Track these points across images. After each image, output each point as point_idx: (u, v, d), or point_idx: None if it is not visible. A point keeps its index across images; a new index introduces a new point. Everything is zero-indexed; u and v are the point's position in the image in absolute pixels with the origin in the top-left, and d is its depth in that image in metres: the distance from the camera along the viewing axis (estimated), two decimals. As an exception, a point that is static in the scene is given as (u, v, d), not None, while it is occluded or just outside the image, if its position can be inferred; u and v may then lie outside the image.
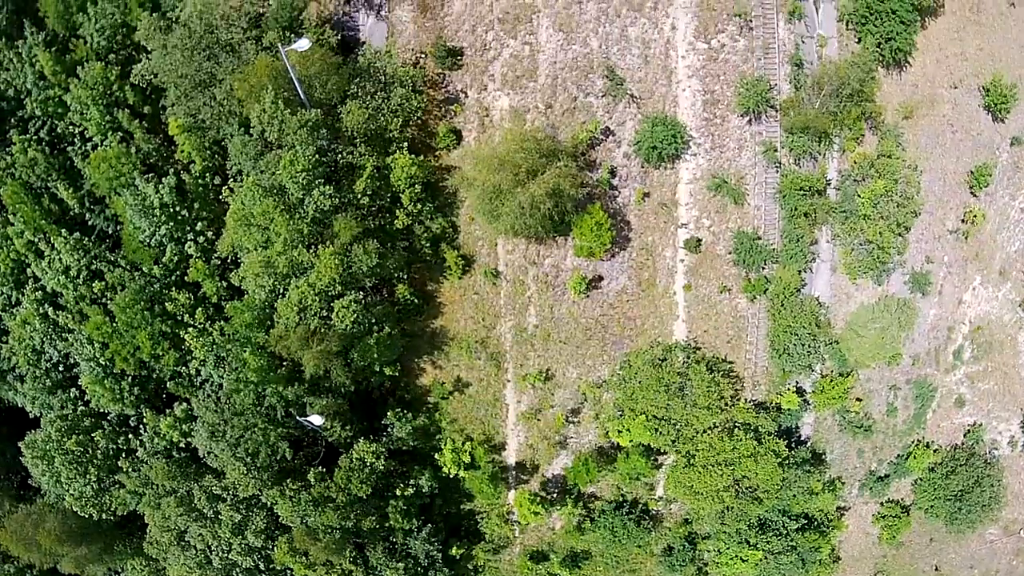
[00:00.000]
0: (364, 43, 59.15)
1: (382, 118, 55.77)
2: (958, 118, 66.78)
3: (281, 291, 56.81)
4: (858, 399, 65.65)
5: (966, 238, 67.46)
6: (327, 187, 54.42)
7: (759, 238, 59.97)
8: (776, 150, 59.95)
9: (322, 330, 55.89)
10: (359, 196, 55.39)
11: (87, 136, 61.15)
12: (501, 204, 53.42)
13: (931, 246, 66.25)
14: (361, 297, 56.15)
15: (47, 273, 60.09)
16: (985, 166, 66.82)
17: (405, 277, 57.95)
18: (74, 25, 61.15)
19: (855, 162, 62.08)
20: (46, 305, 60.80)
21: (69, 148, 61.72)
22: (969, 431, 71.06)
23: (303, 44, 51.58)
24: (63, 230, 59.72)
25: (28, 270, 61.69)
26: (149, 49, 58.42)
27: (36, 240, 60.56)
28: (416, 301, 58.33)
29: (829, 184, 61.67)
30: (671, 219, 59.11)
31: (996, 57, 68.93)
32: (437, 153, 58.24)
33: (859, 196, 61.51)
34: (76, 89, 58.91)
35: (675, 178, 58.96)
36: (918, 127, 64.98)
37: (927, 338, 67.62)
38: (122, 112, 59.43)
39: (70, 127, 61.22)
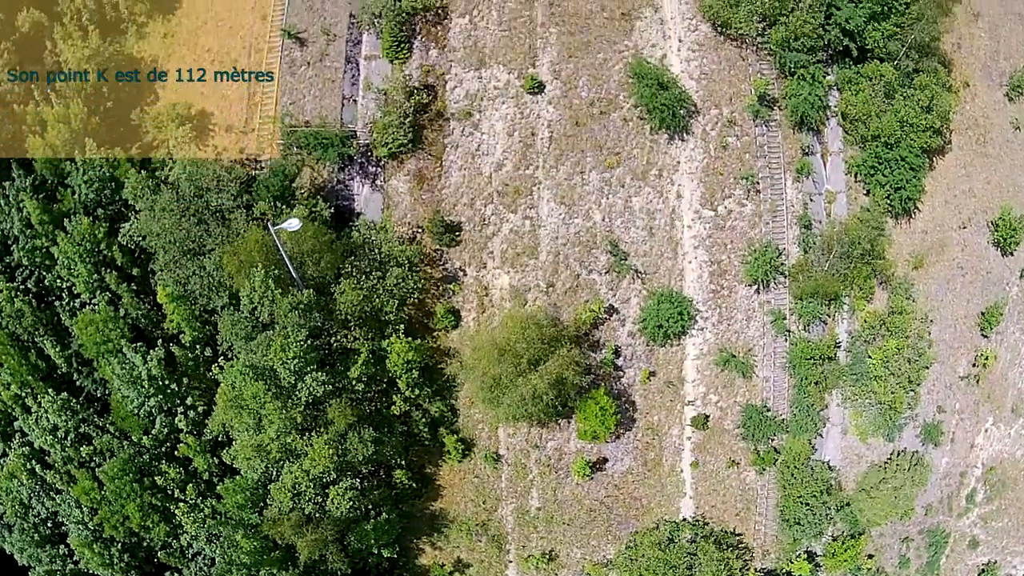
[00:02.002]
0: (359, 214, 56.98)
1: (377, 300, 53.61)
2: (967, 259, 65.29)
3: (274, 474, 54.95)
4: (870, 556, 63.94)
5: (978, 381, 65.96)
6: (320, 373, 52.35)
7: (768, 409, 58.11)
8: (785, 318, 58.05)
9: (317, 515, 54.14)
10: (354, 382, 53.38)
11: (75, 292, 59.10)
12: (502, 394, 51.45)
13: (942, 395, 64.60)
14: (357, 482, 54.36)
15: (34, 431, 58.25)
16: (996, 306, 65.47)
17: (403, 462, 55.91)
18: (62, 173, 59.06)
19: (865, 321, 60.31)
20: (33, 461, 58.86)
21: (56, 303, 59.51)
22: (984, 570, 69.72)
23: (293, 224, 49.56)
24: (50, 389, 57.77)
25: (15, 423, 59.81)
26: (137, 209, 56.45)
27: (23, 394, 58.68)
28: (414, 485, 56.38)
29: (839, 346, 59.82)
30: (677, 397, 57.14)
31: (1004, 188, 67.71)
32: (435, 334, 56.08)
33: (870, 357, 59.77)
34: (63, 243, 56.79)
35: (681, 355, 56.98)
36: (928, 275, 63.38)
37: (939, 487, 66.00)
38: (110, 274, 57.35)
39: (58, 280, 59.11)
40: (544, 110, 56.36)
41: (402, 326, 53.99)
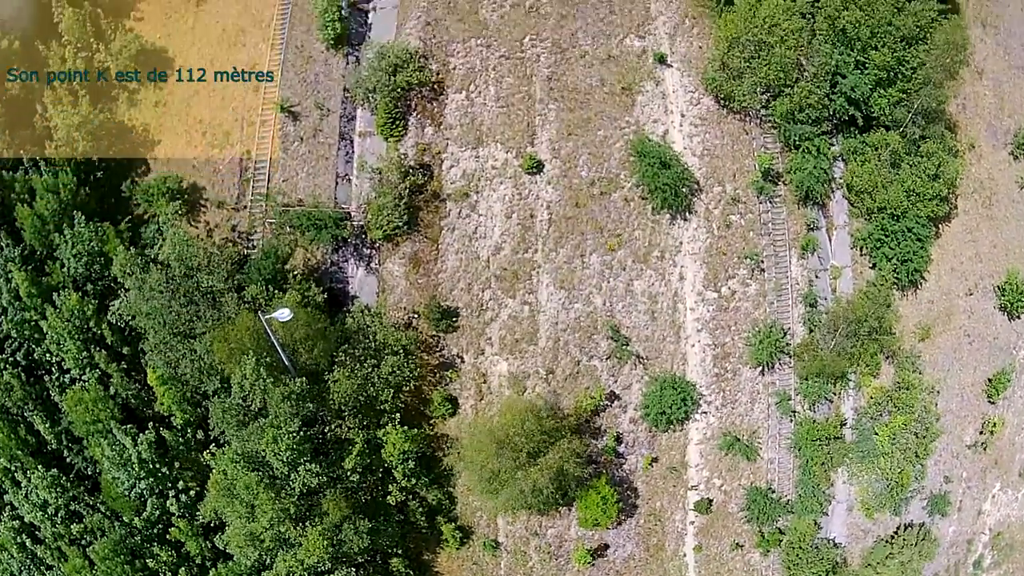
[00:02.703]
0: (354, 298, 55.63)
1: (372, 388, 52.40)
2: (974, 326, 64.20)
3: (268, 561, 53.97)
4: (875, 630, 63.01)
5: (985, 449, 64.86)
6: (313, 465, 51.26)
7: (773, 491, 57.05)
8: (790, 398, 56.92)
9: (313, 604, 53.20)
10: (349, 472, 52.26)
11: (65, 367, 57.93)
12: (501, 487, 50.33)
13: (949, 465, 63.60)
14: (353, 571, 53.31)
15: (24, 505, 57.24)
16: (1003, 372, 64.51)
17: (400, 550, 54.81)
18: (51, 244, 57.84)
19: (871, 397, 59.20)
20: (24, 535, 57.89)
21: (46, 377, 58.32)
22: (989, 635, 68.78)
23: (284, 314, 48.20)
24: (40, 465, 56.66)
25: (5, 496, 58.82)
26: (126, 287, 55.22)
27: (12, 468, 57.65)
28: (412, 572, 55.22)
29: (845, 424, 58.72)
30: (680, 482, 56.02)
31: (1010, 250, 66.72)
32: (432, 422, 54.89)
33: (876, 434, 58.67)
34: (52, 319, 55.55)
35: (684, 440, 55.84)
36: (935, 346, 62.29)
37: (946, 555, 65.04)
38: (99, 352, 56.15)
39: (47, 354, 57.87)
40: (543, 190, 55.07)
41: (398, 415, 52.77)
